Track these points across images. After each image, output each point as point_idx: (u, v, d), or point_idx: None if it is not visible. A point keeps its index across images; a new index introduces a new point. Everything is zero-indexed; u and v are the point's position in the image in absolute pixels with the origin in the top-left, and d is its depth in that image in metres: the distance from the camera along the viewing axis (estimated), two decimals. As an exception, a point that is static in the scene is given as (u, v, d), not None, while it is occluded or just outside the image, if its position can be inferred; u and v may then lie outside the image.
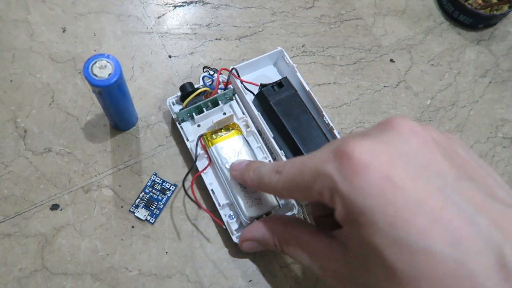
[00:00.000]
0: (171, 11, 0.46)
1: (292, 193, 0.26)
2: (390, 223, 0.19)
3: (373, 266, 0.20)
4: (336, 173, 0.21)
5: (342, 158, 0.21)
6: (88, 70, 0.29)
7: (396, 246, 0.19)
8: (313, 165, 0.23)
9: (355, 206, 0.20)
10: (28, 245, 0.34)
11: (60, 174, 0.37)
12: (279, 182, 0.26)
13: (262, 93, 0.39)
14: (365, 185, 0.20)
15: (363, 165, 0.20)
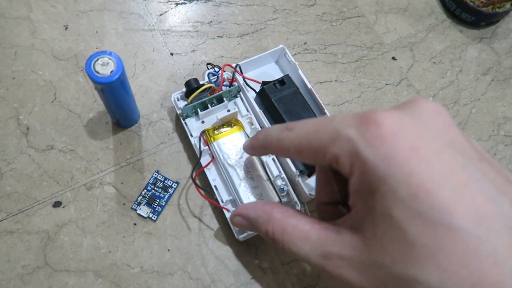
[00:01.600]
0: (173, 8, 0.46)
1: (302, 153, 0.24)
2: (413, 194, 0.18)
3: (389, 242, 0.19)
4: (360, 138, 0.20)
5: (370, 123, 0.20)
6: (90, 67, 0.29)
7: (418, 219, 0.18)
8: (333, 126, 0.21)
9: (377, 174, 0.19)
10: (31, 242, 0.34)
11: (63, 172, 0.37)
12: (288, 138, 0.24)
13: (264, 90, 0.39)
14: (391, 153, 0.19)
15: (391, 133, 0.19)
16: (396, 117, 0.20)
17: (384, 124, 0.19)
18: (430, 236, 0.18)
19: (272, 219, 0.27)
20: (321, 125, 0.22)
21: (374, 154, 0.19)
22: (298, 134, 0.24)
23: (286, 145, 0.24)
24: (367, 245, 0.20)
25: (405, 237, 0.18)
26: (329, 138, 0.21)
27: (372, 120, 0.20)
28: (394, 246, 0.19)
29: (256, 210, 0.28)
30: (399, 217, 0.18)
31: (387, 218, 0.19)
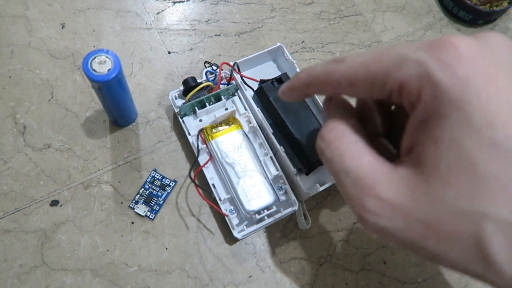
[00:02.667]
0: (170, 7, 0.46)
1: (355, 85, 0.21)
2: (490, 123, 0.17)
3: (455, 175, 0.17)
4: (433, 60, 0.18)
5: (444, 46, 0.18)
6: (87, 66, 0.29)
7: (492, 149, 0.17)
8: (398, 52, 0.19)
9: (451, 99, 0.17)
10: (28, 241, 0.34)
11: (60, 170, 0.37)
12: (340, 69, 0.22)
13: (261, 89, 0.39)
14: (469, 76, 0.17)
15: (469, 55, 0.18)
16: (473, 43, 0.18)
17: (461, 47, 0.18)
18: (503, 167, 0.17)
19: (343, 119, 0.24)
20: (381, 53, 0.20)
21: (449, 76, 0.18)
22: (353, 64, 0.21)
23: (336, 77, 0.22)
24: (426, 179, 0.19)
25: (476, 169, 0.17)
26: (393, 64, 0.19)
27: (448, 43, 0.18)
28: (460, 179, 0.17)
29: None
30: (471, 146, 0.17)
31: (456, 148, 0.17)
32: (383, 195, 0.19)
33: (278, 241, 0.37)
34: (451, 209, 0.18)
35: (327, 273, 0.37)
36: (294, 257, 0.37)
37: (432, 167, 0.18)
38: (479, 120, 0.17)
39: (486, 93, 0.17)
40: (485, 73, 0.17)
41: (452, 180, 0.18)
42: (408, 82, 0.19)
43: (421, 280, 0.38)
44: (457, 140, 0.17)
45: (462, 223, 0.17)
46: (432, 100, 0.18)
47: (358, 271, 0.37)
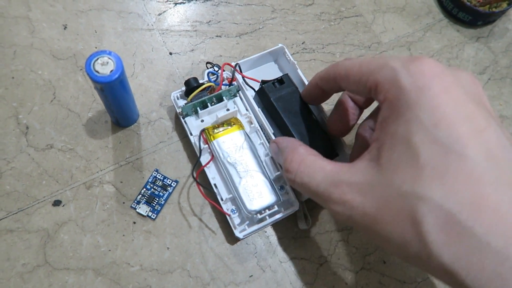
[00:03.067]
0: (171, 8, 0.46)
1: (349, 77, 0.27)
2: (435, 123, 0.20)
3: (403, 164, 0.21)
4: (404, 69, 0.22)
5: (416, 60, 0.23)
6: (90, 67, 0.29)
7: (433, 145, 0.20)
8: (384, 59, 0.24)
9: (408, 101, 0.21)
10: (31, 240, 0.34)
11: (62, 170, 0.37)
12: (344, 63, 0.28)
13: (263, 89, 0.39)
14: (427, 86, 0.21)
15: (432, 72, 0.22)
16: (440, 66, 0.23)
17: (428, 64, 0.22)
18: (441, 160, 0.20)
19: (296, 150, 0.30)
20: (374, 59, 0.26)
21: (411, 83, 0.22)
22: (353, 62, 0.27)
23: (339, 68, 0.28)
24: (380, 169, 0.22)
25: (419, 160, 0.20)
26: (377, 66, 0.24)
27: (419, 59, 0.23)
28: (407, 167, 0.21)
29: (288, 142, 0.32)
30: (417, 141, 0.21)
31: (406, 142, 0.21)
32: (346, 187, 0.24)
33: (278, 241, 0.38)
34: (396, 191, 0.21)
35: (327, 272, 0.37)
36: (295, 256, 0.37)
37: (386, 158, 0.22)
38: (427, 121, 0.21)
39: (436, 101, 0.21)
40: (441, 87, 0.21)
41: (400, 167, 0.21)
42: (382, 82, 0.23)
43: (420, 280, 0.38)
44: (407, 135, 0.21)
45: (403, 203, 0.21)
46: (394, 101, 0.22)
47: (358, 271, 0.38)
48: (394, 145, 0.22)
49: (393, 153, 0.22)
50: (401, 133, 0.21)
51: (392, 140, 0.22)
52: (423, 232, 0.20)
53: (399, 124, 0.22)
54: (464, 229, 0.19)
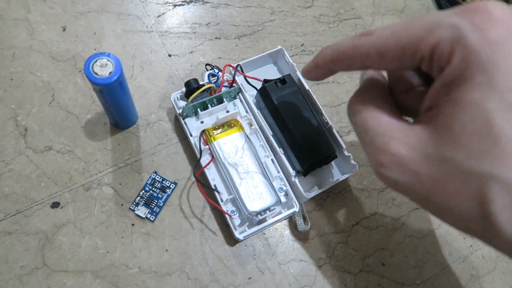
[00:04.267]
0: (171, 10, 0.46)
1: (385, 55, 0.21)
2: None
3: (469, 135, 0.18)
4: (466, 23, 0.18)
5: (478, 10, 0.18)
6: (89, 69, 0.29)
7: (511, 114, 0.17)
8: (430, 18, 0.20)
9: (480, 61, 0.18)
10: (29, 242, 0.34)
11: (61, 172, 0.37)
12: (368, 41, 0.22)
13: (264, 88, 0.39)
14: (500, 39, 0.18)
15: (502, 19, 0.18)
16: (507, 9, 0.19)
17: (496, 11, 0.18)
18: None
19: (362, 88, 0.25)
20: (412, 22, 0.20)
21: (481, 39, 0.18)
22: (382, 35, 0.22)
23: (366, 49, 0.22)
24: (439, 138, 0.19)
25: (490, 130, 0.17)
26: (426, 29, 0.19)
27: (481, 7, 0.19)
28: (473, 139, 0.18)
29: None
30: (491, 108, 0.17)
31: (475, 109, 0.18)
32: (395, 151, 0.20)
33: (277, 243, 0.38)
34: (460, 168, 0.18)
35: (326, 274, 0.37)
36: (294, 258, 0.37)
37: (446, 127, 0.19)
38: (503, 84, 0.17)
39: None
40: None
41: (464, 139, 0.18)
42: (441, 45, 0.19)
43: (419, 282, 0.38)
44: (477, 101, 0.18)
45: (468, 182, 0.18)
46: (461, 63, 0.18)
47: (357, 273, 0.38)
48: (459, 112, 0.18)
49: (456, 121, 0.18)
50: (469, 100, 0.18)
51: (455, 107, 0.18)
52: (493, 212, 0.17)
53: (467, 89, 0.18)
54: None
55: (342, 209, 0.40)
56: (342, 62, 0.24)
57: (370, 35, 0.22)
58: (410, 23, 0.20)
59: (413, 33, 0.20)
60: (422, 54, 0.20)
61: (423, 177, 0.20)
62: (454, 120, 0.19)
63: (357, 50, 0.23)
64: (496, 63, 0.17)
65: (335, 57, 0.24)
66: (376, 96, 0.24)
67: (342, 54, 0.24)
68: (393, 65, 0.22)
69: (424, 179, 0.20)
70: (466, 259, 0.40)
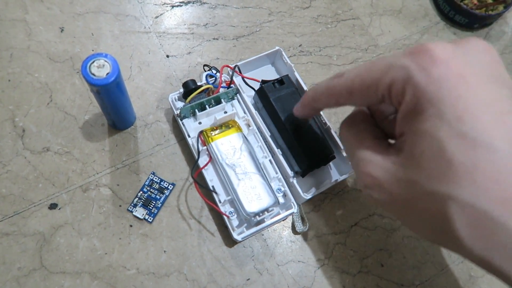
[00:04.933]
0: (168, 11, 0.46)
1: (353, 93, 0.25)
2: (458, 117, 0.19)
3: (427, 160, 0.20)
4: (413, 65, 0.21)
5: (422, 51, 0.21)
6: (86, 70, 0.29)
7: (459, 139, 0.19)
8: (386, 61, 0.23)
9: (427, 97, 0.20)
10: (27, 244, 0.34)
11: (58, 173, 0.37)
12: (339, 83, 0.26)
13: (262, 89, 0.39)
14: (442, 77, 0.20)
15: (442, 59, 0.20)
16: (447, 47, 0.21)
17: (436, 51, 0.21)
18: (468, 155, 0.19)
19: (351, 116, 0.29)
20: (372, 64, 0.24)
21: (426, 77, 0.20)
22: (349, 77, 0.25)
23: (338, 90, 0.26)
24: (406, 163, 0.22)
25: (444, 155, 0.19)
26: (382, 71, 0.23)
27: (424, 49, 0.21)
28: (431, 164, 0.20)
29: None
30: (443, 137, 0.20)
31: (429, 137, 0.20)
32: (374, 174, 0.24)
33: (276, 244, 0.38)
34: (423, 190, 0.20)
35: (325, 275, 0.37)
36: (292, 260, 0.37)
37: (409, 153, 0.22)
38: (450, 115, 0.20)
39: (456, 91, 0.20)
40: (456, 73, 0.20)
41: (424, 164, 0.20)
42: (395, 84, 0.22)
43: (418, 283, 0.38)
44: (431, 131, 0.20)
45: (431, 202, 0.20)
46: (412, 98, 0.21)
47: (355, 274, 0.38)
48: (417, 140, 0.21)
49: (416, 148, 0.21)
50: (424, 129, 0.20)
51: (414, 136, 0.21)
52: (455, 229, 0.19)
53: (421, 121, 0.21)
54: (497, 224, 0.18)
55: (341, 210, 0.40)
56: (321, 101, 0.29)
57: (341, 77, 0.26)
58: (371, 65, 0.24)
59: (373, 74, 0.23)
60: (382, 92, 0.23)
61: (397, 197, 0.22)
62: (415, 148, 0.21)
63: (331, 91, 0.27)
64: (441, 98, 0.20)
65: (316, 98, 0.29)
66: (360, 123, 0.28)
67: (320, 95, 0.28)
68: (362, 101, 0.26)
69: (397, 198, 0.22)
70: (465, 260, 0.40)
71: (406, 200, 0.22)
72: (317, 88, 0.29)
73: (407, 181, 0.22)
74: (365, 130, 0.27)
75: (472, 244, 0.19)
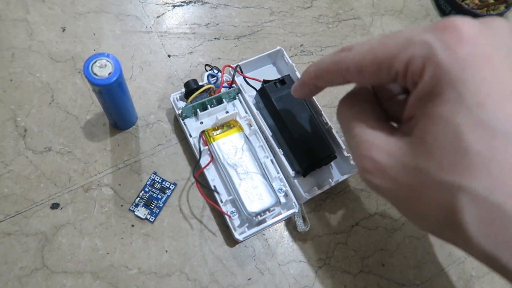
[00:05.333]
0: (170, 10, 0.46)
1: (364, 70, 0.22)
2: (480, 103, 0.18)
3: (440, 148, 0.19)
4: (436, 41, 0.19)
5: (448, 28, 0.19)
6: (88, 69, 0.29)
7: (478, 127, 0.18)
8: (404, 35, 0.21)
9: (449, 77, 0.19)
10: (29, 243, 0.34)
11: (60, 173, 0.37)
12: (348, 57, 0.23)
13: (264, 89, 0.39)
14: (468, 58, 0.18)
15: (470, 37, 0.19)
16: (475, 25, 0.19)
17: (464, 28, 0.19)
18: (486, 144, 0.18)
19: (351, 93, 0.27)
20: (388, 39, 0.21)
21: (450, 56, 0.19)
22: (360, 51, 0.23)
23: (345, 65, 0.23)
24: (415, 149, 0.20)
25: (460, 144, 0.18)
26: (400, 46, 0.20)
27: (451, 25, 0.19)
28: (444, 152, 0.19)
29: None
30: (461, 123, 0.18)
31: (445, 123, 0.19)
32: (377, 158, 0.22)
33: (277, 244, 0.38)
34: (432, 179, 0.19)
35: (326, 275, 0.37)
36: (293, 259, 0.37)
37: (421, 138, 0.20)
38: (471, 100, 0.18)
39: (481, 74, 0.18)
40: (483, 54, 0.19)
41: (435, 151, 0.19)
42: (413, 62, 0.20)
43: (419, 283, 0.38)
44: (447, 116, 0.19)
45: (440, 192, 0.19)
46: (432, 79, 0.19)
47: (356, 274, 0.38)
48: (431, 125, 0.19)
49: (428, 134, 0.19)
50: (440, 113, 0.19)
51: (428, 120, 0.19)
52: (463, 222, 0.18)
53: (438, 104, 0.19)
54: (510, 219, 0.17)
55: (342, 209, 0.40)
56: (325, 78, 0.26)
57: (349, 51, 0.23)
58: (387, 39, 0.21)
59: (388, 49, 0.21)
60: (397, 70, 0.21)
61: (401, 184, 0.21)
62: (427, 133, 0.19)
63: (337, 66, 0.24)
64: (464, 80, 0.18)
65: (319, 74, 0.26)
66: (362, 102, 0.25)
67: (324, 70, 0.25)
68: (371, 79, 0.23)
69: (401, 186, 0.21)
70: (466, 259, 0.40)
71: (411, 189, 0.20)
72: (320, 63, 0.26)
73: (414, 168, 0.20)
74: (368, 109, 0.25)
75: (480, 239, 0.18)
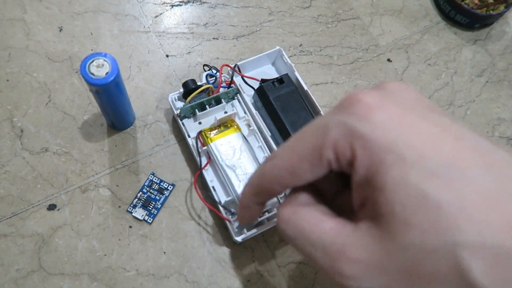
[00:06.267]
0: (168, 10, 0.46)
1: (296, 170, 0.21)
2: (420, 154, 0.17)
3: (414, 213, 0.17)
4: (350, 117, 0.19)
5: (353, 103, 0.19)
6: (85, 69, 0.29)
7: (433, 178, 0.17)
8: (318, 124, 0.20)
9: (379, 144, 0.18)
10: (25, 245, 0.34)
11: (57, 174, 0.37)
12: (276, 164, 0.22)
13: (262, 88, 0.39)
14: (384, 120, 0.18)
15: (376, 104, 0.19)
16: (374, 92, 0.20)
17: (366, 98, 0.19)
18: (450, 192, 0.17)
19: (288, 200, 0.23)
20: (303, 133, 0.21)
21: (369, 125, 0.19)
22: (284, 154, 0.21)
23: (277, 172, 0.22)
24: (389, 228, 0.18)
25: (429, 201, 0.17)
26: (319, 135, 0.20)
27: (354, 100, 0.19)
28: (419, 215, 0.17)
29: None
30: (415, 181, 0.17)
31: (403, 187, 0.17)
32: (355, 257, 0.19)
33: (276, 245, 0.37)
34: (424, 250, 0.17)
35: (325, 277, 0.37)
36: (292, 261, 0.37)
37: (388, 214, 0.18)
38: (411, 155, 0.17)
39: (404, 130, 0.18)
40: (395, 114, 0.19)
41: (411, 220, 0.17)
42: (339, 143, 0.19)
43: (419, 284, 0.38)
44: (400, 179, 0.17)
45: (438, 260, 0.17)
46: (365, 152, 0.19)
47: (356, 275, 0.37)
48: (391, 195, 0.18)
49: (394, 204, 0.18)
50: (394, 180, 0.18)
51: (385, 192, 0.18)
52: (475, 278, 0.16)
53: (385, 173, 0.18)
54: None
55: (341, 210, 0.40)
56: (263, 192, 0.24)
57: (274, 158, 0.22)
58: (303, 134, 0.21)
59: (310, 142, 0.20)
60: (328, 158, 0.20)
61: (395, 273, 0.18)
62: (391, 204, 0.18)
63: (269, 176, 0.22)
64: (393, 141, 0.18)
65: (255, 191, 0.24)
66: (308, 204, 0.22)
67: (258, 186, 0.23)
68: (309, 177, 0.21)
69: (397, 274, 0.18)
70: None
71: (408, 271, 0.18)
72: (252, 180, 0.24)
73: (401, 248, 0.18)
74: (320, 210, 0.22)
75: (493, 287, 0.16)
